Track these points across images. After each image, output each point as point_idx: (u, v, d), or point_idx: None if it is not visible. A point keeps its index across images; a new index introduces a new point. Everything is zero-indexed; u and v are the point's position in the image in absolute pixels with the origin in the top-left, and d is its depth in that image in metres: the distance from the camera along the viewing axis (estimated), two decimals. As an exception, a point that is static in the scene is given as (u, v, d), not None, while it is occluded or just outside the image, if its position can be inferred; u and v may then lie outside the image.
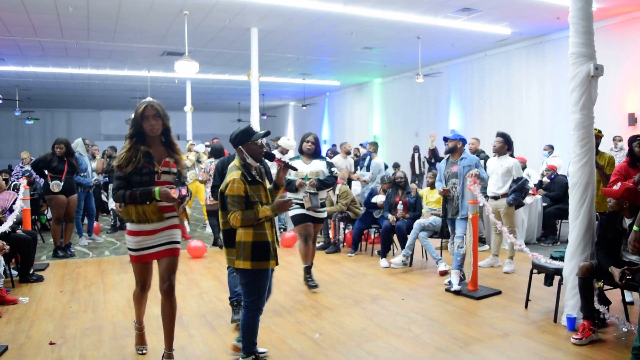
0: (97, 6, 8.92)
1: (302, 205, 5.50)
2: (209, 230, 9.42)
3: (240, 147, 3.45)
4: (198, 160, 9.51)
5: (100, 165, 10.25)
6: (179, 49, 11.40)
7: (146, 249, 3.45)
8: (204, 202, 9.38)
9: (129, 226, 3.43)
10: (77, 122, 25.69)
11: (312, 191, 5.44)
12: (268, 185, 3.59)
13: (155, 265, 3.63)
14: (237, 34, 10.89)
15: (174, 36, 10.93)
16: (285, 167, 3.68)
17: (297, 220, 5.57)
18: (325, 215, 5.74)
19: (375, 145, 9.33)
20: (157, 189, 3.28)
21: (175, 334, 3.71)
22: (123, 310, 5.02)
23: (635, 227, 2.96)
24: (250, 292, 3.42)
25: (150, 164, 3.36)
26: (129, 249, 3.51)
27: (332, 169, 5.62)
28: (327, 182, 5.54)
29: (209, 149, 10.03)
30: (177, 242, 3.53)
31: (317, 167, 5.56)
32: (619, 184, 4.11)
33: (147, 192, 3.29)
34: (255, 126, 10.81)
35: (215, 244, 8.10)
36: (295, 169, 3.90)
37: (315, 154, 5.63)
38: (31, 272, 6.18)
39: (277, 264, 3.49)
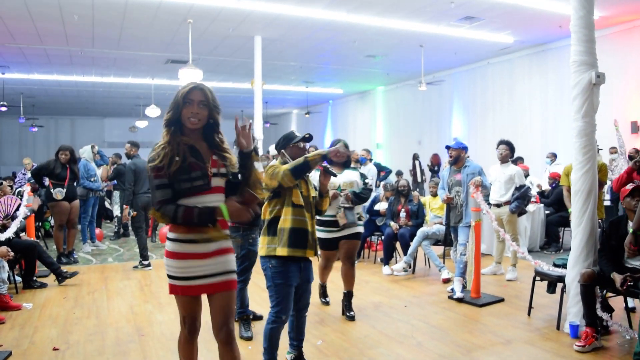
0: (102, 14, 8.99)
1: (328, 223, 4.77)
2: None
3: (282, 151, 3.62)
4: None
5: (105, 172, 10.30)
6: (183, 56, 11.45)
7: (195, 278, 2.54)
8: None
9: (170, 246, 2.55)
10: (80, 129, 25.76)
11: (347, 205, 4.78)
12: (313, 193, 3.59)
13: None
14: (240, 42, 10.95)
15: (178, 44, 11.00)
16: (325, 172, 3.54)
17: (323, 243, 4.81)
18: (362, 229, 5.07)
19: (368, 152, 9.34)
20: (223, 206, 2.45)
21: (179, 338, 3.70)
22: (126, 317, 5.03)
23: (631, 230, 2.97)
24: (276, 296, 3.35)
25: (201, 163, 2.51)
26: (171, 277, 2.58)
27: (367, 181, 4.96)
28: (363, 195, 4.87)
29: None
30: (234, 272, 2.65)
31: (351, 177, 4.93)
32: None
33: (210, 212, 2.46)
34: (259, 134, 10.84)
35: None
36: (335, 175, 3.62)
37: (346, 163, 4.91)
38: (34, 278, 6.22)
39: (315, 254, 3.43)
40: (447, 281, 6.15)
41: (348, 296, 4.96)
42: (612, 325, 4.19)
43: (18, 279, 6.20)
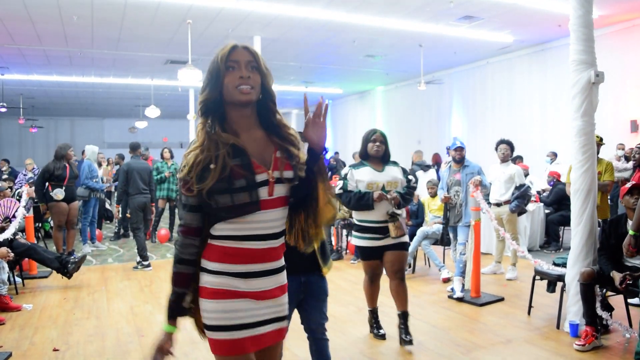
0: (101, 15, 8.99)
1: (375, 230, 4.05)
2: None
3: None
4: None
5: (107, 174, 10.33)
6: (182, 57, 11.45)
7: (243, 327, 1.77)
8: None
9: (209, 280, 1.77)
10: (80, 130, 25.76)
11: (398, 211, 4.01)
12: None
13: None
14: (240, 42, 10.94)
15: (178, 45, 11.00)
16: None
17: (363, 254, 4.21)
18: (407, 238, 4.22)
19: None
20: (169, 328, 1.85)
21: (178, 340, 3.70)
22: (126, 317, 5.03)
23: (630, 232, 2.97)
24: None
25: (248, 169, 1.72)
26: (208, 328, 1.79)
27: (410, 177, 4.18)
28: (408, 197, 4.12)
29: None
30: (286, 317, 1.92)
31: (394, 175, 4.10)
32: None
33: (171, 306, 1.85)
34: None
35: None
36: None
37: (385, 157, 4.16)
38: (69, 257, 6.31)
39: (324, 266, 3.00)
40: (447, 281, 6.15)
41: (404, 317, 4.16)
42: (612, 324, 4.19)
43: (18, 280, 6.20)
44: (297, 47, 11.68)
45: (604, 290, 4.18)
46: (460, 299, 5.40)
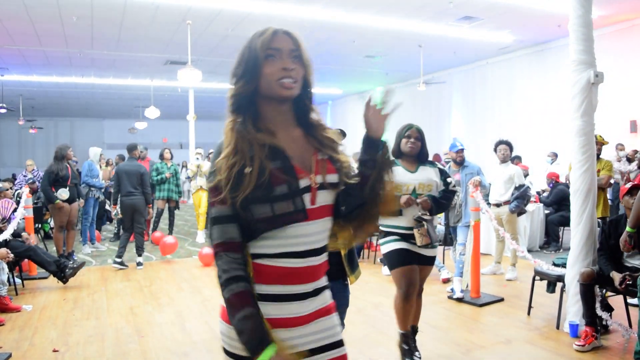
0: (101, 16, 8.99)
1: (404, 237, 3.56)
2: (199, 239, 9.52)
3: None
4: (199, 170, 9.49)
5: (107, 175, 10.34)
6: (182, 58, 11.44)
7: None
8: (204, 212, 9.41)
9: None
10: (80, 131, 25.76)
11: (427, 217, 3.50)
12: None
13: None
14: (239, 42, 10.66)
15: (177, 45, 10.99)
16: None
17: (396, 259, 3.56)
18: (436, 252, 3.74)
19: None
20: (270, 351, 1.34)
21: (178, 341, 3.71)
22: (126, 318, 5.03)
23: (628, 228, 2.98)
24: None
25: (290, 173, 1.46)
26: (229, 354, 1.52)
27: (449, 180, 3.67)
28: (444, 201, 3.62)
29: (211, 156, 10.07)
30: (342, 342, 1.68)
31: (428, 176, 3.60)
32: None
33: (256, 337, 1.37)
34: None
35: None
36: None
37: (421, 155, 3.66)
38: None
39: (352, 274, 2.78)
40: (446, 281, 6.15)
41: (413, 332, 3.75)
42: (611, 325, 4.19)
43: (17, 280, 6.20)
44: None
45: (604, 291, 4.19)
46: (460, 299, 5.40)
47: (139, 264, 7.41)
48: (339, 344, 1.64)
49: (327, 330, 1.59)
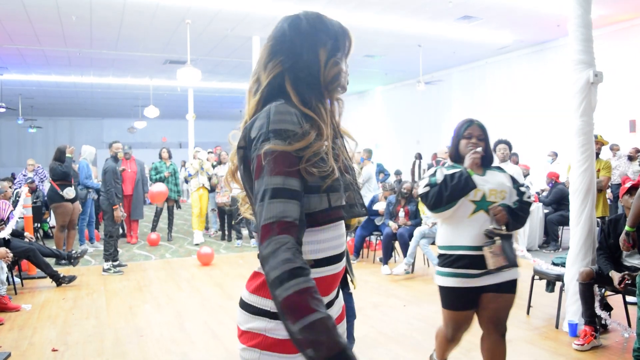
0: (100, 15, 8.99)
1: (468, 264, 2.73)
2: (197, 240, 9.31)
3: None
4: (202, 168, 9.39)
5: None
6: (181, 57, 11.45)
7: None
8: (204, 213, 9.37)
9: (262, 325, 1.27)
10: (79, 130, 25.76)
11: (502, 231, 2.70)
12: None
13: None
14: (238, 42, 10.94)
15: (176, 45, 11.00)
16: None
17: (450, 300, 2.88)
18: (518, 274, 2.82)
19: (368, 152, 9.34)
20: None
21: (177, 341, 3.71)
22: (125, 317, 5.03)
23: (627, 228, 2.99)
24: None
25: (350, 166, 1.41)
26: None
27: (522, 188, 2.92)
28: (522, 214, 2.84)
29: (211, 155, 10.03)
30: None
31: (500, 181, 2.84)
32: None
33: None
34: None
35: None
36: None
37: (485, 159, 2.87)
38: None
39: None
40: (446, 280, 6.14)
41: None
42: (610, 324, 4.19)
43: (17, 280, 6.20)
44: (296, 47, 11.69)
45: (603, 290, 4.19)
46: (459, 299, 5.39)
47: (106, 269, 6.98)
48: None
49: (343, 334, 1.50)
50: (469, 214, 2.74)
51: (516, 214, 2.80)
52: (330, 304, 1.36)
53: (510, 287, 2.77)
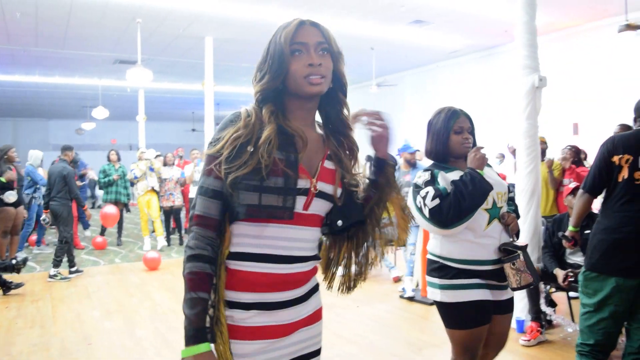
0: (46, 12, 8.69)
1: (485, 278, 2.39)
2: (146, 247, 8.94)
3: None
4: (151, 169, 9.00)
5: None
6: (132, 57, 11.20)
7: None
8: (157, 216, 9.00)
9: (237, 315, 1.39)
10: (24, 131, 24.80)
11: (521, 243, 2.40)
12: None
13: None
14: (191, 42, 10.80)
15: (127, 44, 10.74)
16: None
17: (472, 316, 2.39)
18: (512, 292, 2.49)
19: None
20: (190, 351, 1.35)
21: (128, 348, 3.63)
22: (72, 325, 4.87)
23: (571, 227, 3.11)
24: None
25: (293, 168, 1.38)
26: None
27: (512, 194, 2.63)
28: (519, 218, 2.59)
29: (161, 157, 9.76)
30: (320, 350, 1.62)
31: (499, 181, 2.52)
32: None
33: (194, 328, 1.36)
34: (210, 137, 10.71)
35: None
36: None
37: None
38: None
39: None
40: (397, 280, 6.24)
41: None
42: (555, 320, 4.35)
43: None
44: (250, 48, 11.61)
45: (548, 287, 4.34)
46: (411, 298, 5.49)
47: (52, 275, 6.78)
48: (317, 352, 1.59)
49: (314, 337, 1.55)
50: (485, 226, 2.37)
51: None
52: (285, 304, 1.41)
53: (511, 304, 2.56)
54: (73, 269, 6.94)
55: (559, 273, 3.98)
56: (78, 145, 19.22)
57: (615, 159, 2.69)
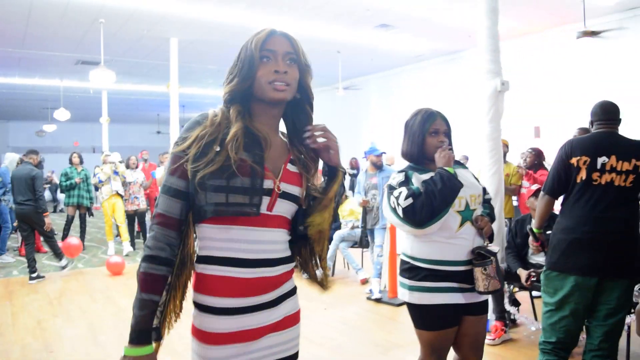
0: (4, 10, 8.44)
1: (455, 280, 2.39)
2: (110, 252, 8.72)
3: None
4: (115, 172, 8.80)
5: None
6: (95, 57, 10.98)
7: None
8: (122, 221, 8.78)
9: (203, 320, 1.42)
10: (-19, 133, 24.07)
11: (492, 248, 2.42)
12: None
13: None
14: (156, 43, 10.65)
15: (89, 44, 10.53)
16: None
17: (438, 320, 2.43)
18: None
19: None
20: (131, 351, 1.40)
21: (91, 354, 3.55)
22: (33, 333, 4.74)
23: (535, 230, 3.19)
24: None
25: (258, 165, 1.41)
26: None
27: (488, 197, 2.66)
28: (494, 220, 2.58)
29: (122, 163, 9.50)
30: (297, 354, 1.72)
31: (473, 182, 2.54)
32: None
33: (140, 327, 1.41)
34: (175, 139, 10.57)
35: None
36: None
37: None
38: None
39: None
40: (365, 282, 6.28)
41: None
42: (519, 319, 4.45)
43: None
44: (215, 50, 11.52)
45: (511, 287, 4.43)
46: (378, 300, 5.53)
47: (64, 266, 7.25)
48: (294, 357, 1.64)
49: (288, 342, 1.61)
50: (457, 227, 2.38)
51: (492, 221, 2.53)
52: (251, 309, 1.42)
53: (486, 306, 2.54)
54: (34, 275, 6.76)
55: (522, 273, 4.08)
56: (39, 147, 18.71)
57: (573, 160, 2.77)
